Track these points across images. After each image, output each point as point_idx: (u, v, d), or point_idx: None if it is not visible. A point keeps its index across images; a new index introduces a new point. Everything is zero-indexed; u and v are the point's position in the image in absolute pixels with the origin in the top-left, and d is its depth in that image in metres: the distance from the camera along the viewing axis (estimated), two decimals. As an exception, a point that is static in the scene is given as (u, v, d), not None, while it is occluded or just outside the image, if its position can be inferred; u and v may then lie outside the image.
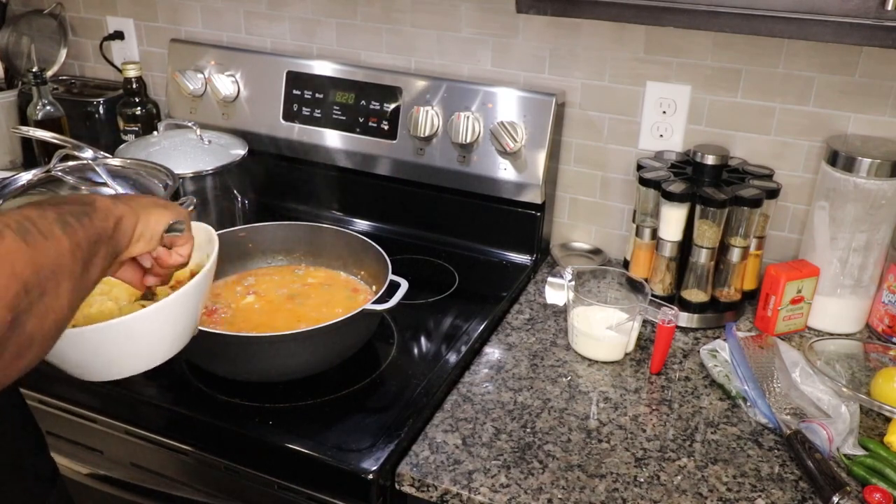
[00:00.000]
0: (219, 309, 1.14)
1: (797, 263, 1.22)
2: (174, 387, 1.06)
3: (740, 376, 1.08)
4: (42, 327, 0.56)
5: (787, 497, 0.91)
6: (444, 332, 1.21)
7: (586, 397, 1.08)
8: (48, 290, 0.56)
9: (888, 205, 1.15)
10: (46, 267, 0.56)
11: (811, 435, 0.97)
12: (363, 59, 1.53)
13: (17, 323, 0.53)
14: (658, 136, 1.35)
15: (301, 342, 1.01)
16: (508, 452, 0.96)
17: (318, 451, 0.94)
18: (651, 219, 1.29)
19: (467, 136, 1.35)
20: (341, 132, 1.48)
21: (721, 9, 0.94)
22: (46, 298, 0.56)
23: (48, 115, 1.58)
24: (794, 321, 1.23)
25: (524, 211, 1.41)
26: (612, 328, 1.14)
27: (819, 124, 1.25)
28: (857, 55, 1.19)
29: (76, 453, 1.12)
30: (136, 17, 1.71)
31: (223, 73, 1.55)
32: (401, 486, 0.94)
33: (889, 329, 1.21)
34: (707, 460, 0.96)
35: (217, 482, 1.03)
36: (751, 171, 1.27)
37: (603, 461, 0.95)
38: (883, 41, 0.89)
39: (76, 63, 1.84)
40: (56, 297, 0.57)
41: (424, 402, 1.03)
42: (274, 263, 1.27)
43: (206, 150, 1.41)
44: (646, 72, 1.32)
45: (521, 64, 1.40)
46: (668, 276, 1.26)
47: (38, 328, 0.55)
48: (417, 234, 1.50)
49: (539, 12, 1.04)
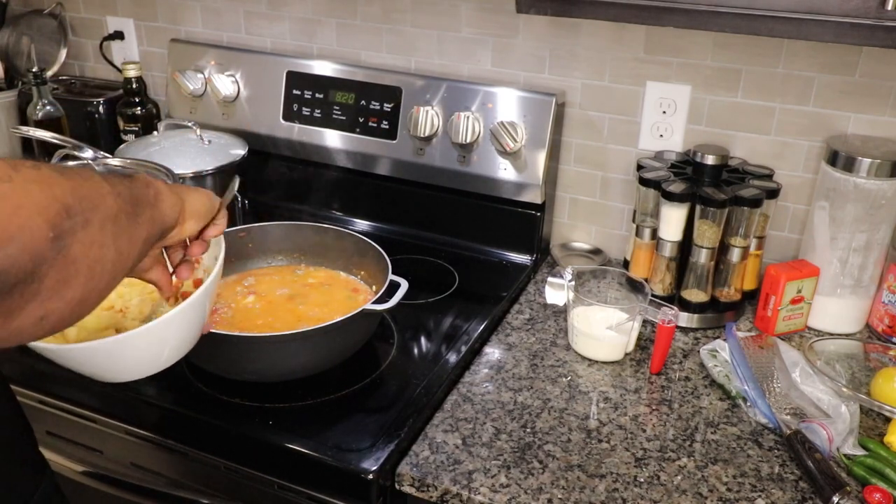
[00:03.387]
0: (219, 309, 1.14)
1: (797, 263, 1.22)
2: (174, 387, 1.06)
3: (740, 376, 1.08)
4: (88, 256, 0.55)
5: (787, 497, 0.91)
6: (444, 332, 1.21)
7: (586, 397, 1.08)
8: (92, 222, 0.56)
9: (888, 205, 1.15)
10: (88, 199, 0.56)
11: (811, 435, 0.97)
12: (363, 59, 1.53)
13: (60, 243, 0.52)
14: (658, 136, 1.35)
15: (301, 342, 1.01)
16: (508, 452, 0.96)
17: (318, 451, 0.94)
18: (651, 219, 1.29)
19: (467, 136, 1.35)
20: (341, 132, 1.48)
21: (721, 9, 0.94)
22: (91, 229, 0.55)
23: (48, 115, 1.58)
24: (794, 321, 1.23)
25: (524, 211, 1.41)
26: (612, 328, 1.14)
27: (819, 124, 1.25)
28: (857, 55, 1.19)
29: (76, 453, 1.12)
30: (136, 17, 1.71)
31: (223, 73, 1.55)
32: (401, 486, 0.94)
33: (889, 329, 1.21)
34: (707, 460, 0.96)
35: (217, 482, 1.03)
36: (751, 171, 1.27)
37: (603, 461, 0.95)
38: (883, 41, 0.90)
39: (76, 63, 1.84)
40: (102, 232, 0.57)
41: (424, 402, 1.03)
42: (274, 263, 1.27)
43: (206, 150, 1.41)
44: (646, 72, 1.32)
45: (521, 64, 1.40)
46: (668, 276, 1.26)
47: (83, 255, 0.55)
48: (417, 234, 1.50)
49: (539, 12, 1.04)
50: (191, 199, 0.75)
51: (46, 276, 0.52)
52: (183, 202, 0.73)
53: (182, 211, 0.73)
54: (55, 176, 0.54)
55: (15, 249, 0.49)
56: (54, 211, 0.52)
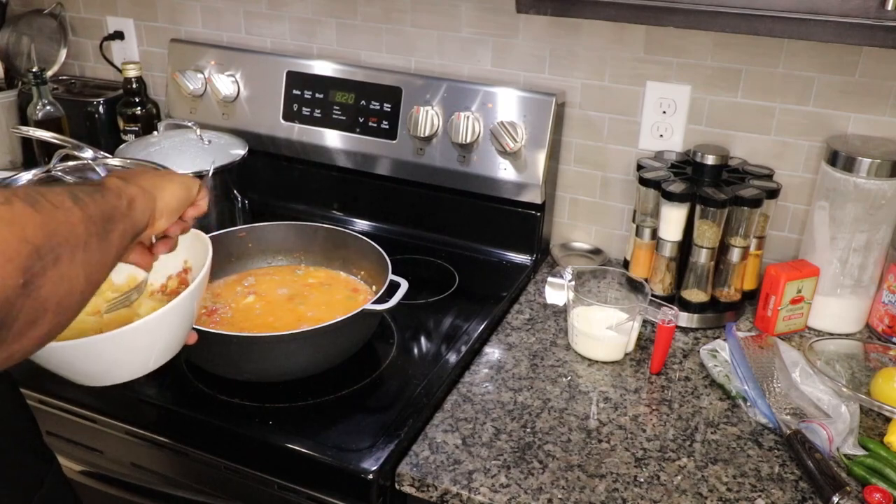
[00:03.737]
0: (219, 309, 1.14)
1: (797, 263, 1.22)
2: (174, 387, 1.06)
3: (740, 376, 1.08)
4: (57, 293, 0.55)
5: (787, 497, 0.91)
6: (444, 332, 1.21)
7: (586, 397, 1.08)
8: (62, 258, 0.55)
9: (888, 205, 1.15)
10: (59, 234, 0.55)
11: (811, 435, 0.97)
12: (363, 59, 1.53)
13: (30, 287, 0.52)
14: (658, 136, 1.35)
15: (301, 342, 1.01)
16: (508, 452, 0.96)
17: (318, 451, 0.94)
18: (651, 219, 1.29)
19: (467, 136, 1.35)
20: (341, 132, 1.48)
21: (721, 9, 0.94)
22: (61, 266, 0.55)
23: (48, 115, 1.58)
24: (794, 321, 1.23)
25: (524, 211, 1.41)
26: (612, 328, 1.14)
27: (819, 124, 1.25)
28: (857, 55, 1.19)
29: (76, 453, 1.12)
30: (136, 17, 1.71)
31: (223, 73, 1.55)
32: (401, 486, 0.94)
33: (889, 329, 1.21)
34: (707, 460, 0.96)
35: (217, 482, 1.03)
36: (751, 171, 1.27)
37: (603, 461, 0.95)
38: (883, 41, 0.89)
39: (76, 63, 1.84)
40: (71, 265, 0.56)
41: (424, 402, 1.03)
42: (274, 263, 1.27)
43: (206, 150, 1.41)
44: (646, 72, 1.32)
45: (521, 64, 1.40)
46: (668, 276, 1.26)
47: (52, 294, 0.54)
48: (417, 234, 1.50)
49: (539, 12, 1.04)
50: (163, 195, 0.75)
51: (15, 321, 0.51)
52: (154, 201, 0.73)
53: (153, 211, 0.73)
54: (27, 212, 0.53)
55: None
56: (25, 254, 0.51)
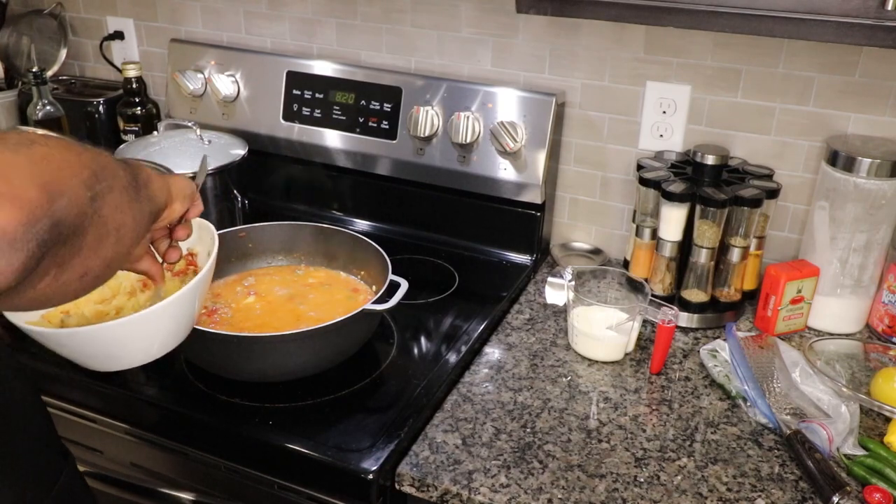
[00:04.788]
0: (219, 309, 1.14)
1: (797, 263, 1.22)
2: (174, 387, 1.06)
3: (740, 376, 1.08)
4: (115, 219, 0.60)
5: (787, 497, 0.91)
6: (444, 332, 1.21)
7: (586, 397, 1.08)
8: (114, 188, 0.60)
9: (888, 205, 1.15)
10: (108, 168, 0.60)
11: (811, 435, 0.97)
12: (363, 59, 1.53)
13: (95, 203, 0.57)
14: (658, 136, 1.35)
15: (301, 342, 1.01)
16: (508, 452, 0.96)
17: (318, 451, 0.94)
18: (651, 219, 1.29)
19: (467, 136, 1.35)
20: (341, 132, 1.48)
21: (721, 9, 0.94)
22: (114, 195, 0.60)
23: (48, 115, 1.58)
24: (794, 321, 1.23)
25: (524, 211, 1.41)
26: (612, 328, 1.14)
27: (819, 124, 1.25)
28: (857, 55, 1.19)
29: (76, 453, 1.11)
30: (136, 17, 1.71)
31: (223, 73, 1.55)
32: (401, 486, 0.94)
33: (889, 329, 1.21)
34: (707, 460, 0.96)
35: (217, 482, 1.03)
36: (751, 171, 1.27)
37: (603, 461, 0.95)
38: (883, 41, 0.90)
39: (76, 63, 1.84)
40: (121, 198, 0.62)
41: (424, 402, 1.03)
42: (274, 263, 1.27)
43: (206, 150, 1.41)
44: (646, 72, 1.32)
45: (521, 64, 1.40)
46: (668, 276, 1.26)
47: (111, 217, 0.60)
48: (417, 234, 1.50)
49: (539, 12, 1.04)
50: (174, 182, 0.79)
51: (87, 231, 0.57)
52: (169, 185, 0.77)
53: (169, 192, 0.77)
54: (77, 146, 0.59)
55: (66, 202, 0.54)
56: (87, 174, 0.57)
